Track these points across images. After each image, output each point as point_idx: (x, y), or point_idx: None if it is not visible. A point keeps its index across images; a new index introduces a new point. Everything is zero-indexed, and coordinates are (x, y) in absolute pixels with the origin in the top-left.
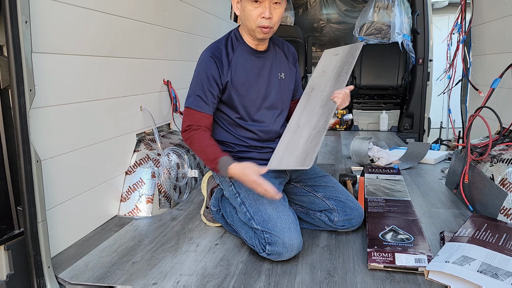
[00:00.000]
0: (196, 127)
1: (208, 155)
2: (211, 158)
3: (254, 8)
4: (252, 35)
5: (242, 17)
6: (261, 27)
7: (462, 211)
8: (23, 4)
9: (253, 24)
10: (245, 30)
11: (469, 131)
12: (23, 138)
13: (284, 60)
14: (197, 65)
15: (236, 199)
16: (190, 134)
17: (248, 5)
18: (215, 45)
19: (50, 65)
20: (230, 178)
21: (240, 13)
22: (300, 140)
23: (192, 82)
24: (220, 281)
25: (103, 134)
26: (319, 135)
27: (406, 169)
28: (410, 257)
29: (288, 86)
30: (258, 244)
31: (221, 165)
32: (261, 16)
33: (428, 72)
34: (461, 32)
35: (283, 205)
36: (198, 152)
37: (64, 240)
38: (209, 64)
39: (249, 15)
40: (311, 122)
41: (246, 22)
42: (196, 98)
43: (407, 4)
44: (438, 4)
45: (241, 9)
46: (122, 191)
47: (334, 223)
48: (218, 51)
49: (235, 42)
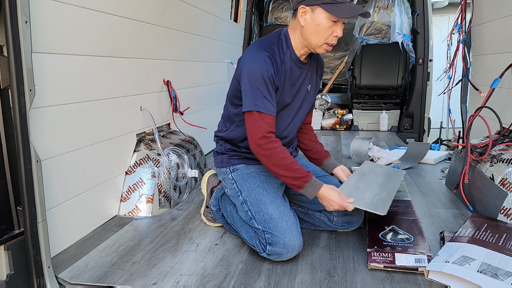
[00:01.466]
0: (274, 138)
1: (295, 172)
2: (298, 175)
3: (330, 26)
4: (311, 49)
5: (309, 30)
6: (327, 44)
7: (462, 211)
8: (23, 4)
9: (321, 41)
10: (300, 40)
11: (469, 131)
12: (23, 138)
13: (314, 72)
14: (250, 64)
15: (238, 198)
16: (271, 146)
17: (325, 22)
18: (267, 44)
19: (50, 65)
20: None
21: (306, 25)
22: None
23: (250, 83)
24: (220, 281)
25: (103, 134)
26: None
27: (406, 169)
28: (410, 257)
29: (311, 99)
30: (259, 244)
31: (309, 185)
32: (334, 34)
33: (428, 72)
34: (461, 32)
35: (284, 205)
36: (278, 166)
37: (64, 240)
38: (268, 63)
39: (322, 31)
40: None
41: (313, 36)
42: (263, 101)
43: (407, 4)
44: (438, 4)
45: (311, 23)
46: (122, 191)
47: (333, 223)
48: (272, 52)
49: (285, 46)
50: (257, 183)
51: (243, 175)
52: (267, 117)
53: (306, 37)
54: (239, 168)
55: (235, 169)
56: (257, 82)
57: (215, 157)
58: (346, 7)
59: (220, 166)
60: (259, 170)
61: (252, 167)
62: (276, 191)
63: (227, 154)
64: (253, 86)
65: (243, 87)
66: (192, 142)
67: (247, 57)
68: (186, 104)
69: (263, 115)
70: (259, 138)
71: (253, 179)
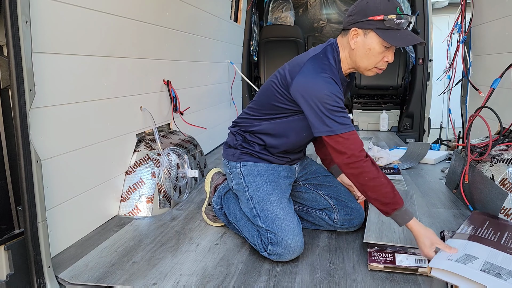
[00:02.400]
0: (367, 154)
1: (387, 195)
2: (390, 201)
3: (382, 52)
4: (359, 71)
5: (359, 54)
6: (377, 68)
7: (462, 211)
8: (23, 4)
9: (371, 65)
10: (349, 60)
11: (469, 131)
12: (23, 138)
13: (347, 89)
14: (314, 87)
15: (245, 193)
16: (366, 160)
17: (377, 47)
18: (328, 66)
19: (50, 65)
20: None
21: (357, 48)
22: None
23: (322, 106)
24: (220, 281)
25: (103, 134)
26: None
27: (406, 169)
28: (411, 257)
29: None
30: (260, 243)
31: (400, 213)
32: (384, 60)
33: (428, 72)
34: (461, 32)
35: (289, 207)
36: (372, 187)
37: (64, 240)
38: (333, 84)
39: (373, 57)
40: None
41: (363, 60)
42: (347, 120)
43: (407, 4)
44: (438, 4)
45: (362, 47)
46: (122, 191)
47: (334, 222)
48: (333, 73)
49: (337, 63)
50: (266, 182)
51: (252, 171)
52: (356, 134)
53: (355, 60)
54: (249, 164)
55: (245, 164)
56: (332, 104)
57: (226, 149)
58: (402, 34)
59: (231, 159)
60: (269, 168)
61: (262, 165)
62: (283, 192)
63: (240, 150)
64: (329, 108)
65: (309, 112)
66: (192, 142)
67: (306, 77)
68: (186, 104)
69: (354, 132)
70: (359, 151)
71: (261, 177)
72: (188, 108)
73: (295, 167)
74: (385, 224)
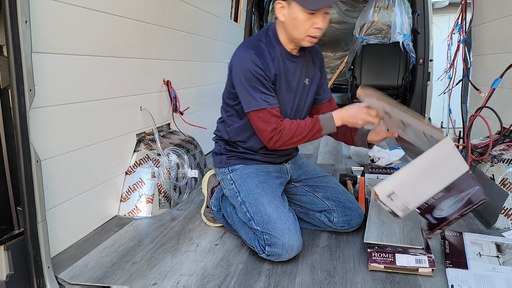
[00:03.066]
0: (280, 122)
1: (307, 124)
2: (310, 124)
3: (308, 19)
4: (295, 42)
5: (289, 25)
6: (310, 37)
7: None
8: (23, 4)
9: (302, 34)
10: (285, 35)
11: (469, 131)
12: (23, 138)
13: (311, 65)
14: (239, 65)
15: (237, 199)
16: (279, 130)
17: (301, 15)
18: (254, 42)
19: (50, 65)
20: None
21: (286, 20)
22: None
23: (244, 84)
24: (220, 281)
25: (103, 134)
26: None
27: None
28: (411, 257)
29: (309, 93)
30: (258, 245)
31: (323, 121)
32: (314, 26)
33: (429, 72)
34: (462, 32)
35: (283, 205)
36: (295, 134)
37: (64, 240)
38: (256, 61)
39: (300, 25)
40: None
41: (294, 31)
42: (263, 97)
43: (407, 4)
44: (438, 4)
45: (289, 17)
46: (122, 191)
47: (333, 223)
48: (260, 50)
49: (274, 42)
50: (256, 184)
51: (242, 175)
52: (273, 110)
53: (288, 32)
54: (237, 168)
55: (234, 170)
56: (251, 81)
57: (214, 157)
58: None
59: (219, 166)
60: (258, 170)
61: (251, 167)
62: (275, 192)
63: (226, 155)
64: (248, 86)
65: (238, 89)
66: (192, 142)
67: (235, 58)
68: (186, 104)
69: (267, 110)
70: (270, 131)
71: (251, 179)
72: (188, 108)
73: (286, 167)
74: (385, 224)
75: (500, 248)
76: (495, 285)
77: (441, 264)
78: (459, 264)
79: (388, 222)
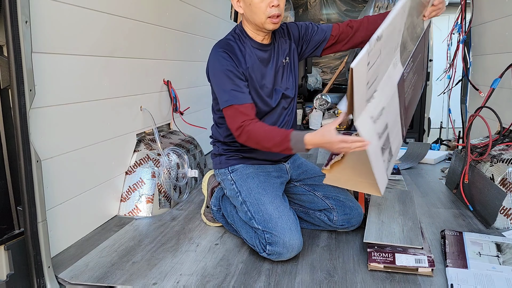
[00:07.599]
0: (248, 122)
1: (275, 138)
2: (279, 139)
3: (261, 1)
4: (261, 29)
5: (248, 13)
6: (271, 17)
7: (462, 211)
8: (23, 4)
9: (262, 17)
10: (251, 26)
11: (469, 131)
12: (23, 138)
13: (285, 45)
14: (211, 65)
15: (237, 198)
16: (246, 130)
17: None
18: (223, 42)
19: (50, 65)
20: (307, 150)
21: (244, 10)
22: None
23: (216, 82)
24: (220, 281)
25: (103, 134)
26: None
27: (406, 169)
28: (410, 257)
29: (293, 68)
30: (259, 244)
31: (293, 142)
32: (270, 5)
33: (428, 72)
34: (461, 32)
35: (284, 205)
36: (262, 142)
37: (64, 240)
38: (226, 59)
39: (257, 8)
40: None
41: (254, 17)
42: (231, 93)
43: None
44: None
45: (245, 6)
46: (122, 191)
47: (333, 222)
48: (230, 47)
49: (242, 38)
50: (256, 183)
51: (242, 175)
52: (240, 107)
53: (250, 20)
54: (238, 168)
55: (234, 170)
56: (221, 79)
57: (213, 159)
58: None
59: (219, 167)
60: (258, 170)
61: (251, 167)
62: (275, 191)
63: (225, 155)
64: (219, 83)
65: (213, 89)
66: (192, 142)
67: (208, 61)
68: (186, 104)
69: (235, 107)
70: (236, 129)
71: (252, 179)
72: (188, 108)
73: (285, 166)
74: (385, 224)
75: (500, 248)
76: (495, 284)
77: (440, 263)
78: (459, 263)
79: (388, 222)
